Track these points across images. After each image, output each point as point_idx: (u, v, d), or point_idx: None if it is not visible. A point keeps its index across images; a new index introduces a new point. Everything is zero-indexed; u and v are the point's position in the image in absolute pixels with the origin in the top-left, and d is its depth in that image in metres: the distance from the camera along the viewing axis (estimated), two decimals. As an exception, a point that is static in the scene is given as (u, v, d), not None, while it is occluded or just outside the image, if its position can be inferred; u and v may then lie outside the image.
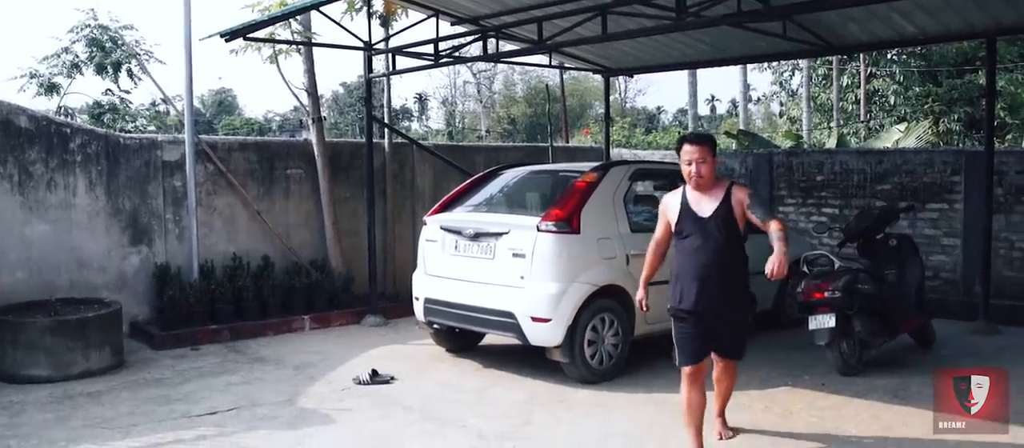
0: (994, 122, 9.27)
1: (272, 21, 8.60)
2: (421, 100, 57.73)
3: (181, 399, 6.26)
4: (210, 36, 8.30)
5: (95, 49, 13.60)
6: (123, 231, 8.42)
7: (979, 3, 7.57)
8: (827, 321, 6.64)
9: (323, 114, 10.49)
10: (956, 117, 22.67)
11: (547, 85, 22.70)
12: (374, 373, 6.78)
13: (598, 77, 12.02)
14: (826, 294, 6.65)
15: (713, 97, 73.73)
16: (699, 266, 4.70)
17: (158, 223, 8.64)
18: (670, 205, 4.91)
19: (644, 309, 5.08)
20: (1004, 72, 22.90)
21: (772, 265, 4.42)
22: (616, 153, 13.75)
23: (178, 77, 8.61)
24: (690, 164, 4.72)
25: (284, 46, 9.57)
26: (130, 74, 14.03)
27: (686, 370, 4.84)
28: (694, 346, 4.82)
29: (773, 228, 4.56)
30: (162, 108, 19.45)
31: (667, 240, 4.98)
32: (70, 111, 14.46)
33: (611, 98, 15.16)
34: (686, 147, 4.77)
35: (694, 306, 4.71)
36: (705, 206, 4.74)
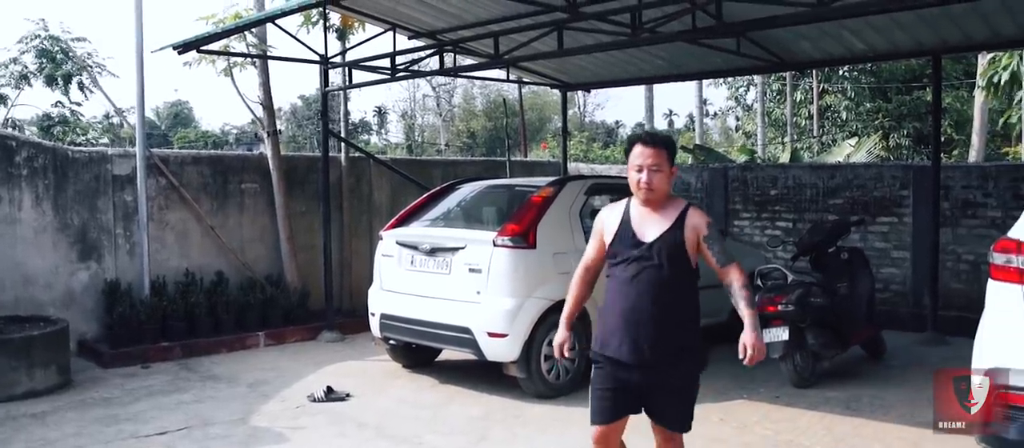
0: (941, 138, 9.50)
1: (226, 34, 8.50)
2: (381, 113, 57.42)
3: (130, 419, 6.12)
4: (162, 48, 8.18)
5: (45, 60, 13.35)
6: (71, 246, 8.23)
7: (926, 22, 7.76)
8: (781, 334, 6.72)
9: (281, 127, 10.43)
10: (905, 132, 23.23)
11: (504, 99, 22.77)
12: (329, 390, 6.69)
13: (557, 91, 12.06)
14: (780, 307, 6.73)
15: (671, 111, 74.51)
16: (632, 305, 3.61)
17: (108, 238, 8.46)
18: (607, 220, 3.82)
19: (563, 355, 3.91)
20: (950, 89, 23.53)
21: (746, 347, 3.62)
22: (574, 167, 13.82)
23: (132, 90, 8.46)
24: (640, 171, 3.64)
25: (239, 59, 9.46)
26: (81, 86, 13.80)
27: (596, 430, 3.74)
28: (611, 403, 3.70)
29: (735, 282, 3.66)
30: (116, 121, 19.13)
31: (599, 264, 3.90)
32: (18, 123, 14.18)
33: (570, 112, 15.25)
34: (637, 149, 3.68)
35: (622, 356, 3.62)
36: (650, 227, 3.65)
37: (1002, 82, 15.42)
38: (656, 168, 3.65)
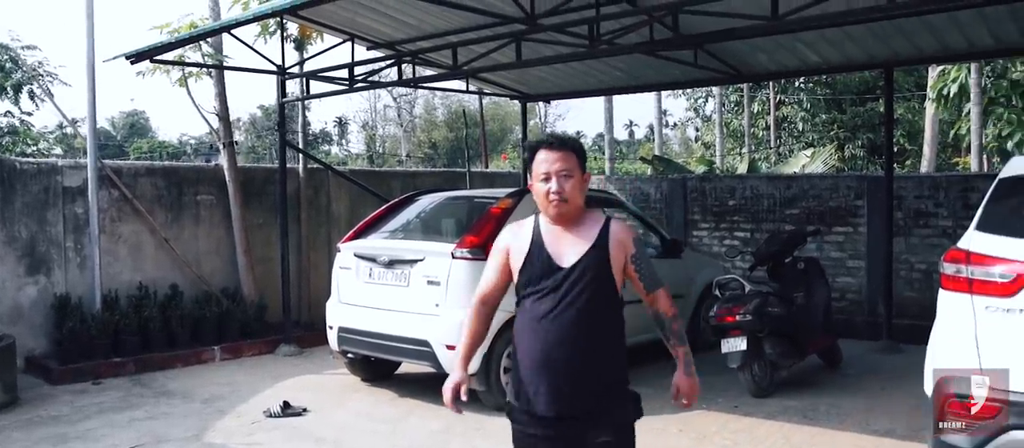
0: (893, 148, 9.67)
1: (180, 43, 8.36)
2: (341, 124, 57.09)
3: (79, 437, 5.96)
4: (115, 58, 8.02)
5: (-6, 69, 13.02)
6: (19, 260, 8.02)
7: (877, 36, 7.91)
8: (739, 344, 6.77)
9: (239, 138, 10.30)
10: (860, 143, 23.69)
11: (464, 110, 22.77)
12: (286, 405, 6.59)
13: (518, 102, 12.06)
14: (738, 318, 6.78)
15: (631, 122, 75.07)
16: (551, 346, 2.98)
17: (58, 252, 8.26)
18: (512, 244, 3.14)
19: (455, 406, 3.20)
20: (902, 101, 24.04)
21: (679, 390, 3.26)
22: (535, 178, 13.80)
23: (84, 99, 8.29)
24: (548, 180, 3.01)
25: (194, 69, 9.32)
26: (32, 96, 13.48)
27: None
28: None
29: (666, 311, 3.15)
30: (69, 131, 18.76)
31: (498, 296, 3.23)
32: (-35, 134, 13.81)
33: (531, 123, 15.28)
34: (541, 154, 3.05)
35: (541, 409, 3.02)
36: (568, 249, 3.03)
37: (951, 94, 15.83)
38: (567, 174, 3.01)
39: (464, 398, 3.19)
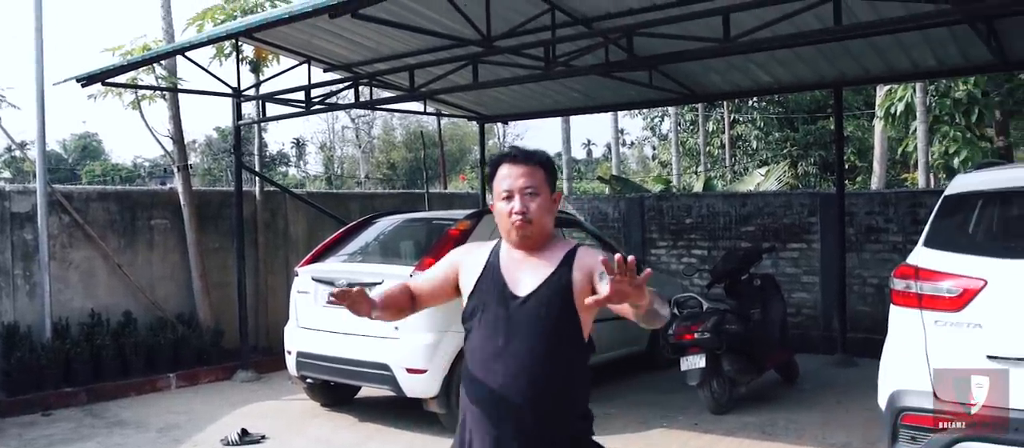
0: (844, 165, 9.88)
1: (133, 66, 8.26)
2: (299, 145, 56.67)
3: (28, 471, 5.81)
4: (65, 81, 7.91)
5: (-62, 93, 12.71)
6: (-35, 289, 7.81)
7: (826, 57, 8.09)
8: (698, 361, 6.84)
9: (195, 160, 10.17)
10: (812, 160, 24.16)
11: (421, 131, 22.78)
12: (243, 432, 6.49)
13: (476, 123, 12.10)
14: (696, 335, 6.85)
15: (589, 141, 75.51)
16: (501, 387, 2.56)
17: (6, 279, 8.06)
18: (466, 261, 2.78)
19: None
20: (852, 119, 24.58)
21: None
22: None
23: (34, 122, 8.13)
24: (510, 198, 2.62)
25: (147, 92, 9.19)
26: (-22, 119, 13.18)
27: None
28: None
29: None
30: (18, 154, 18.37)
31: (427, 299, 2.86)
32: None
33: (489, 143, 15.31)
34: (504, 170, 2.66)
35: None
36: (527, 275, 2.62)
37: (898, 112, 16.25)
38: (532, 192, 2.61)
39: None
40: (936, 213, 4.47)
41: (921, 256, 4.25)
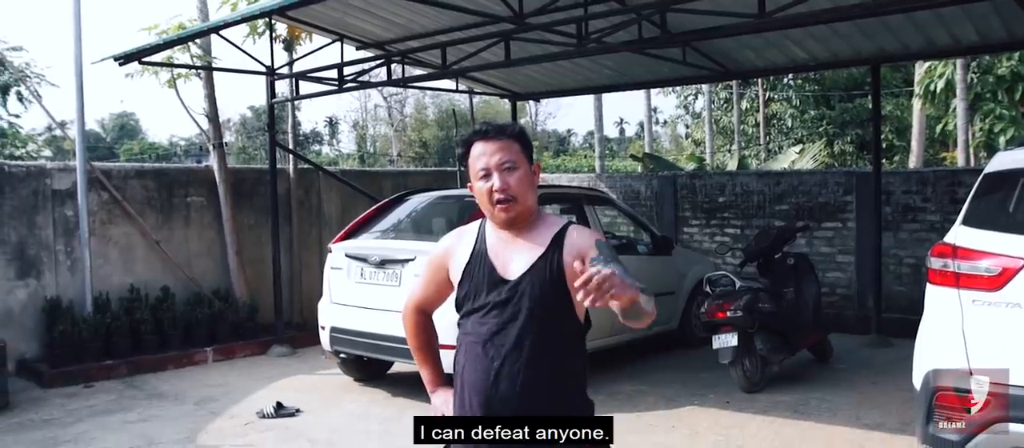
0: (881, 144, 9.73)
1: (169, 45, 8.34)
2: (332, 124, 57.04)
3: (71, 440, 5.95)
4: (103, 60, 8.00)
5: (-20, 72, 12.98)
6: (8, 264, 7.98)
7: (864, 32, 7.95)
8: (730, 340, 6.81)
9: (230, 138, 10.30)
10: (848, 139, 23.78)
11: (453, 109, 22.71)
12: (279, 405, 6.59)
13: (507, 101, 12.08)
14: (728, 314, 6.82)
15: (621, 120, 75.34)
16: (490, 376, 2.49)
17: (48, 255, 8.23)
18: (453, 249, 2.67)
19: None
20: (890, 97, 24.15)
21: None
22: (525, 176, 13.78)
23: (73, 101, 8.27)
24: (486, 176, 2.51)
25: (183, 70, 9.30)
26: (20, 98, 13.44)
27: None
28: None
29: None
30: (59, 133, 18.72)
31: (432, 306, 2.81)
32: (-47, 137, 13.75)
33: (522, 120, 15.28)
34: (477, 148, 2.55)
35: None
36: (515, 258, 2.52)
37: (938, 90, 15.94)
38: (510, 166, 2.49)
39: (447, 411, 2.69)
40: (975, 191, 4.39)
41: (959, 234, 4.18)
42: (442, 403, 2.73)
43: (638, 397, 6.77)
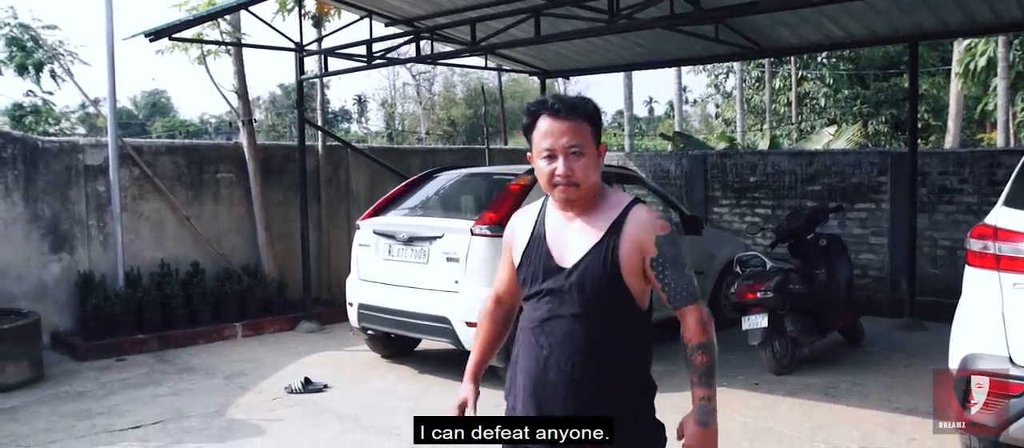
0: (918, 124, 9.53)
1: (198, 21, 8.37)
2: (360, 102, 57.18)
3: (104, 413, 6.03)
4: (134, 36, 8.04)
5: (15, 49, 13.07)
6: (42, 238, 8.09)
7: (902, 8, 7.77)
8: (760, 321, 6.72)
9: (259, 116, 10.34)
10: (883, 119, 23.37)
11: (482, 86, 22.66)
12: (307, 381, 6.63)
13: (537, 79, 12.00)
14: (758, 295, 6.73)
15: (651, 99, 74.60)
16: (542, 364, 2.43)
17: (81, 229, 8.33)
18: (518, 229, 2.58)
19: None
20: (927, 76, 23.70)
21: (684, 431, 2.45)
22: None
23: (105, 78, 8.32)
24: (551, 157, 2.37)
25: (212, 47, 9.33)
26: (53, 75, 13.55)
27: None
28: None
29: (687, 335, 2.39)
30: (92, 110, 18.91)
31: (515, 295, 2.68)
32: (-11, 113, 13.92)
33: (549, 100, 15.14)
34: (544, 124, 2.38)
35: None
36: (572, 244, 2.41)
37: (978, 69, 15.60)
38: (577, 151, 2.35)
39: (470, 412, 2.67)
40: (1018, 172, 4.27)
41: (1001, 216, 4.07)
42: (462, 396, 2.70)
43: (665, 378, 6.63)
